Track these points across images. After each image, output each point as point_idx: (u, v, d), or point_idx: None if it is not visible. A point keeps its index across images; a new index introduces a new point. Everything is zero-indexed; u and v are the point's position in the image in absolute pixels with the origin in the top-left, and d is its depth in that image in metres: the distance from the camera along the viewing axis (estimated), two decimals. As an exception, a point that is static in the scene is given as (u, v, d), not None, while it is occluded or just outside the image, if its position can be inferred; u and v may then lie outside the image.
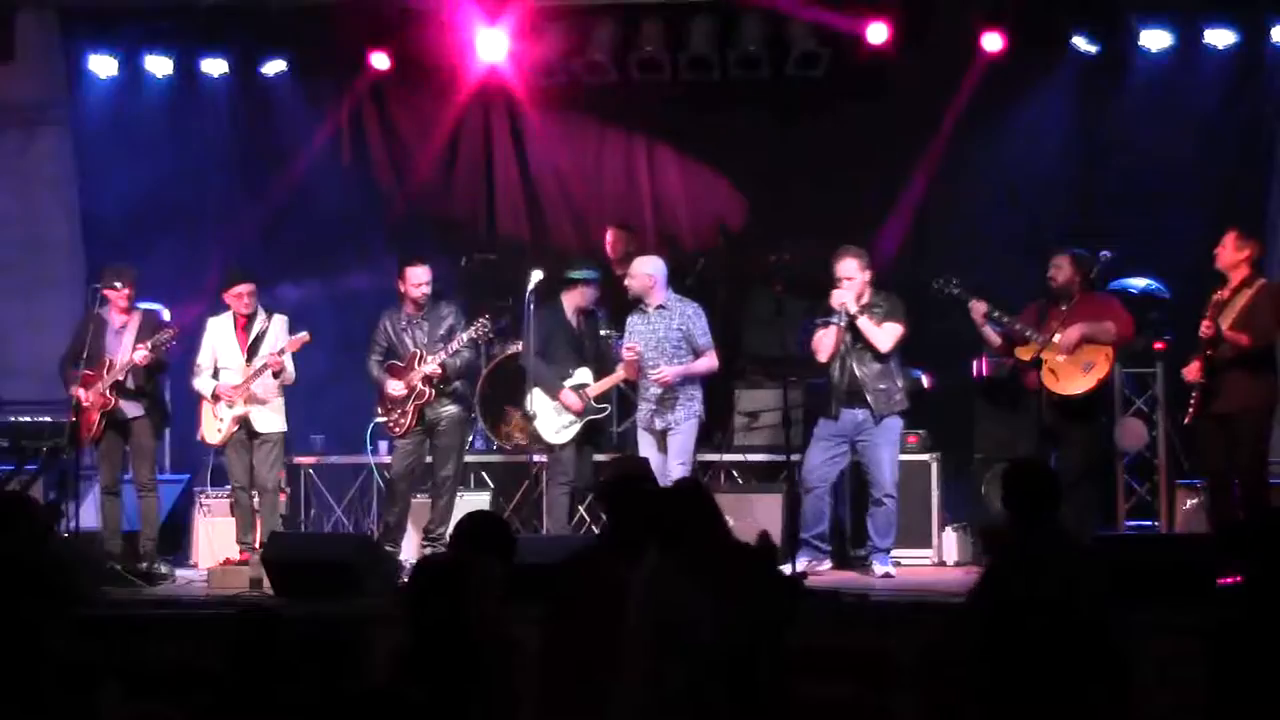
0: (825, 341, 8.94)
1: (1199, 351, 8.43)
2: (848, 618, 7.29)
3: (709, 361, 9.12)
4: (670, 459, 8.92)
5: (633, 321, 9.19)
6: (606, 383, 9.31)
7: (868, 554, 9.10)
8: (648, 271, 9.10)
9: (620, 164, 11.40)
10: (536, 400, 9.31)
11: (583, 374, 9.33)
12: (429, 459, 9.37)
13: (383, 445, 9.94)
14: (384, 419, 9.40)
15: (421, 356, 9.17)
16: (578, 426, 9.30)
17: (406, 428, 9.21)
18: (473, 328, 9.24)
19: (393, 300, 9.39)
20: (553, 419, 9.29)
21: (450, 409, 9.25)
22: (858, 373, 8.88)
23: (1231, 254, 8.47)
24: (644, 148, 11.36)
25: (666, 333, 9.02)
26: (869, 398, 8.86)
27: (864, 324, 8.85)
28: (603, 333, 9.60)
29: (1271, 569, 4.94)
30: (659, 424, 9.01)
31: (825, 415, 8.98)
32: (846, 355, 8.91)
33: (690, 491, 6.18)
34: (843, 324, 8.85)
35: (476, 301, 10.91)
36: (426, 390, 9.14)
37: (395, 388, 9.16)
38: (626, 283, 9.12)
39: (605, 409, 9.40)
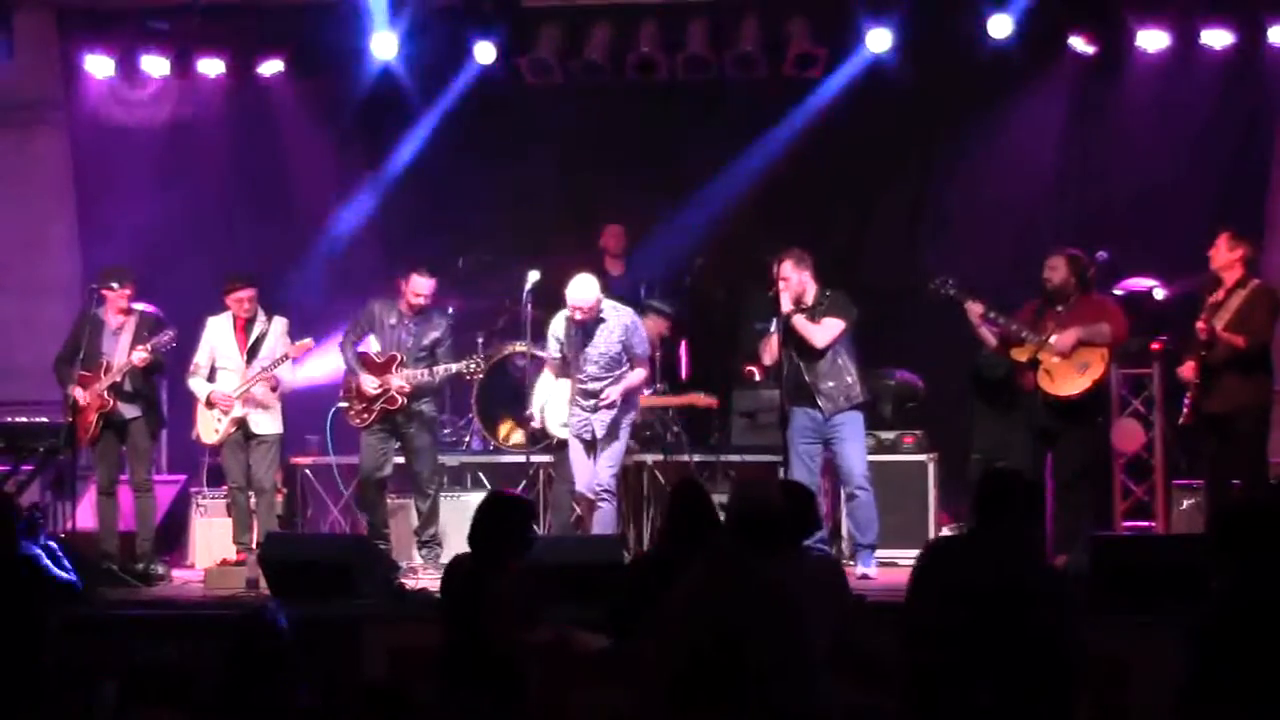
0: (769, 345, 8.91)
1: (1194, 352, 8.45)
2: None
3: (643, 372, 9.04)
4: (601, 463, 8.84)
5: (564, 328, 8.96)
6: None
7: (851, 552, 9.11)
8: (596, 295, 8.82)
9: (618, 164, 11.40)
10: (547, 392, 9.29)
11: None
12: (399, 460, 9.41)
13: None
14: (345, 405, 9.42)
15: (400, 362, 9.19)
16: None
17: (366, 423, 9.27)
18: (464, 363, 9.25)
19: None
20: (564, 413, 9.26)
21: (418, 410, 9.29)
22: (805, 374, 8.83)
23: (1225, 255, 8.49)
24: (640, 148, 11.36)
25: (607, 346, 8.84)
26: (818, 399, 8.82)
27: (799, 322, 8.80)
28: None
29: (1254, 565, 4.96)
30: (597, 431, 8.89)
31: (786, 423, 8.84)
32: (794, 356, 8.85)
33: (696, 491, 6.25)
34: (777, 329, 8.77)
35: (475, 302, 10.96)
36: (398, 397, 9.17)
37: (370, 384, 9.19)
38: (580, 317, 8.78)
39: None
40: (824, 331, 8.83)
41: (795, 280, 8.82)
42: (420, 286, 9.24)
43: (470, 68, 10.94)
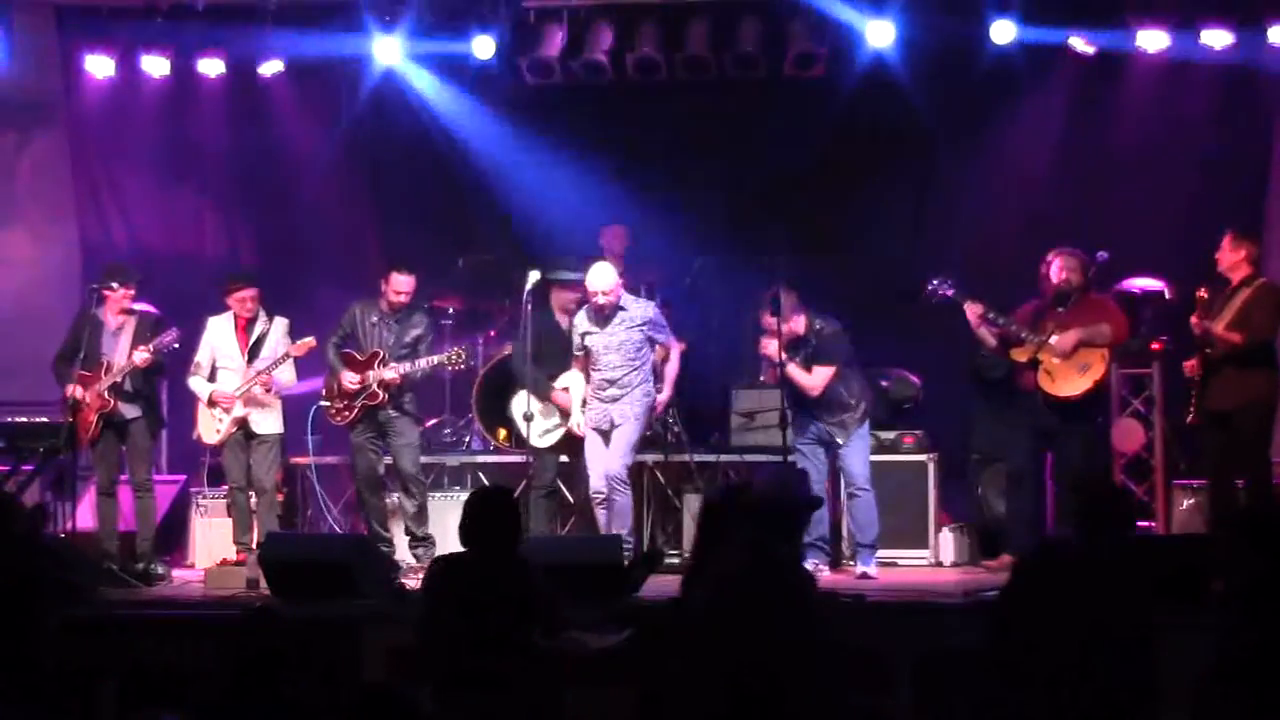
0: (771, 374, 9.08)
1: (1197, 349, 8.46)
2: (845, 618, 7.29)
3: (676, 355, 9.15)
4: (612, 453, 8.88)
5: (586, 321, 9.01)
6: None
7: (851, 552, 9.12)
8: (615, 281, 8.92)
9: (617, 165, 11.39)
10: (521, 403, 9.36)
11: (569, 377, 9.32)
12: (389, 459, 9.42)
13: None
14: (327, 404, 9.43)
15: (383, 359, 9.20)
16: (562, 431, 9.29)
17: (348, 421, 9.31)
18: (448, 355, 9.28)
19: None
20: (538, 422, 9.32)
21: (401, 407, 9.31)
22: (808, 402, 8.96)
23: (1230, 256, 8.49)
24: (641, 148, 11.36)
25: (628, 334, 8.90)
26: (826, 427, 8.95)
27: (792, 372, 8.88)
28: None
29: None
30: (616, 420, 8.92)
31: (787, 423, 8.91)
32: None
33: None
34: (769, 367, 8.90)
35: (475, 302, 10.96)
36: (380, 393, 9.19)
37: (351, 380, 9.22)
38: (600, 301, 8.85)
39: None
40: (816, 381, 8.91)
41: (785, 328, 8.84)
42: (400, 284, 9.25)
43: (470, 68, 10.95)
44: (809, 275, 9.46)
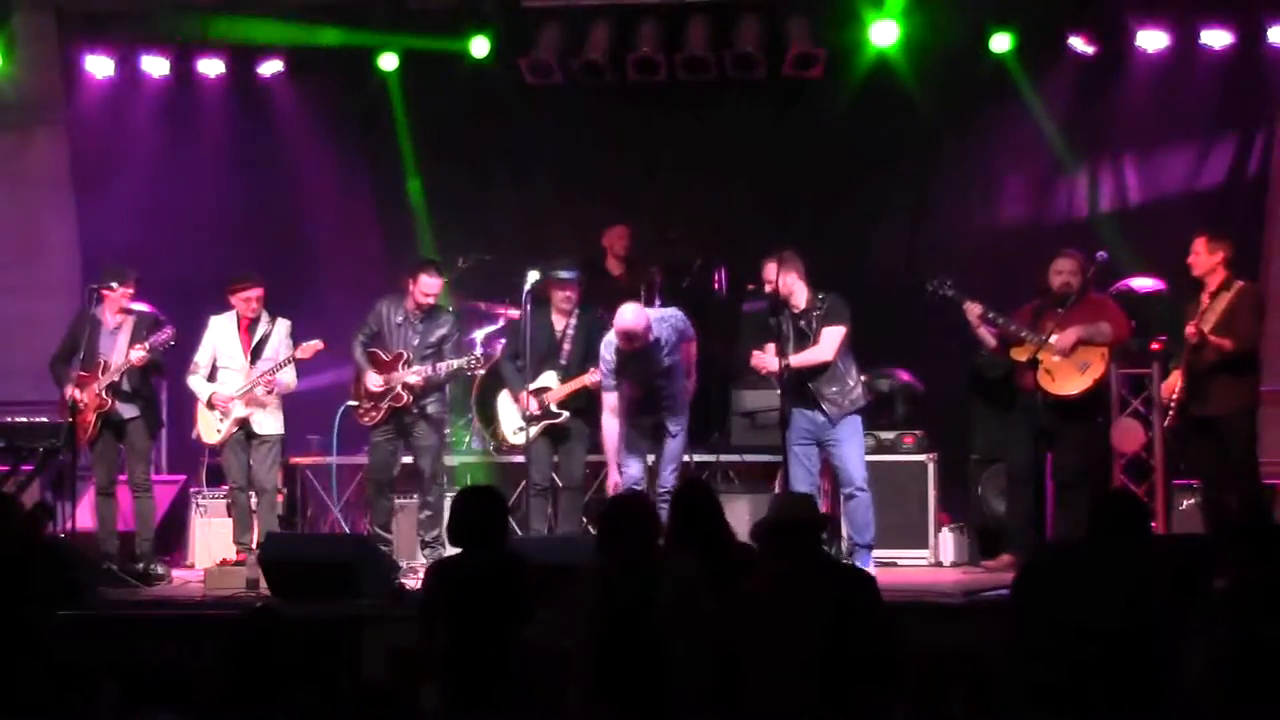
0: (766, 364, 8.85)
1: (1180, 359, 8.46)
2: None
3: (694, 345, 9.11)
4: (663, 465, 8.91)
5: (617, 359, 8.80)
6: (569, 388, 9.23)
7: (849, 552, 9.11)
8: (645, 323, 8.69)
9: (617, 165, 11.40)
10: (506, 403, 9.50)
11: (547, 377, 9.31)
12: (407, 459, 9.43)
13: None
14: (355, 404, 9.45)
15: (408, 360, 9.21)
16: (535, 429, 9.29)
17: (375, 421, 9.32)
18: (466, 360, 9.28)
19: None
20: (510, 419, 9.42)
21: (425, 409, 9.31)
22: (807, 379, 8.75)
23: (1205, 259, 8.49)
24: (640, 148, 11.36)
25: (667, 359, 8.85)
26: (822, 404, 8.74)
27: (799, 360, 8.66)
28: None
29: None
30: (671, 429, 8.90)
31: (786, 424, 8.75)
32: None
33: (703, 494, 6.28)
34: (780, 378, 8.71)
35: (475, 302, 10.96)
36: (404, 395, 9.20)
37: (374, 382, 9.24)
38: (636, 345, 8.65)
39: (562, 415, 9.23)
40: (825, 346, 8.69)
41: (781, 283, 8.76)
42: (429, 286, 9.28)
43: (469, 68, 10.95)
44: (808, 274, 9.43)
